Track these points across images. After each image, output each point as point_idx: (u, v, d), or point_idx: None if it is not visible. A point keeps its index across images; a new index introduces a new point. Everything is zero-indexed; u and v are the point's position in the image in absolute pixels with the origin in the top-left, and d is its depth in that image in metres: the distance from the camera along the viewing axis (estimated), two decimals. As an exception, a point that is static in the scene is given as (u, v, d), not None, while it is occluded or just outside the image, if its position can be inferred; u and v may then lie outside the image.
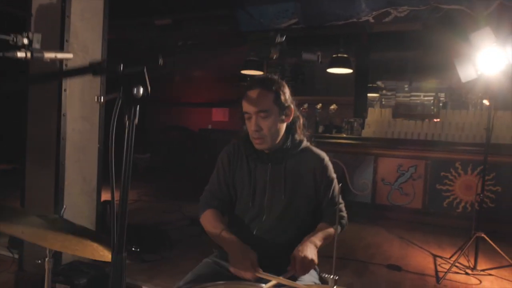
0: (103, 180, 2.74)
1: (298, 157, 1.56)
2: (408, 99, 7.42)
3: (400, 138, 4.89)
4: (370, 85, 6.78)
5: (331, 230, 1.50)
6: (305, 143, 1.60)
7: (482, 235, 2.91)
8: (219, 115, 8.68)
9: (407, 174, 4.75)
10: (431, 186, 4.64)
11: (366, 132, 5.12)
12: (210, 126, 7.35)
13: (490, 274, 3.01)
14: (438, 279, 2.89)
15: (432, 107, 6.52)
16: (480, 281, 2.89)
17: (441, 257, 3.37)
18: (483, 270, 3.05)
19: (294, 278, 1.37)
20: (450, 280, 2.89)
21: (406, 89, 7.46)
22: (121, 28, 6.41)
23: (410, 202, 4.73)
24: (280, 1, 5.50)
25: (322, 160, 1.58)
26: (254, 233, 1.53)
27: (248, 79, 1.60)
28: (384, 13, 5.02)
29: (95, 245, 1.10)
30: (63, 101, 2.43)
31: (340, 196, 1.48)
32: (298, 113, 1.59)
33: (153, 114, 7.76)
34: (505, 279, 2.95)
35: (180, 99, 8.81)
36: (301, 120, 1.62)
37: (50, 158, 2.44)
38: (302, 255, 1.34)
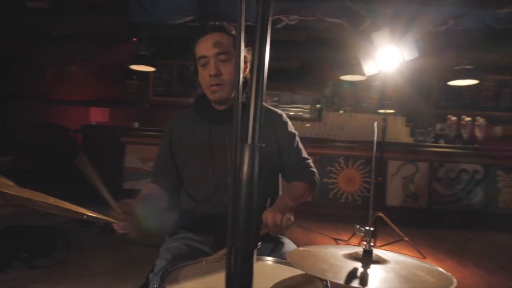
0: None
1: None
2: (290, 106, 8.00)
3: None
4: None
5: (303, 187, 1.42)
6: None
7: (381, 214, 3.31)
8: (98, 115, 7.92)
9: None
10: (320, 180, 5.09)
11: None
12: (94, 123, 6.64)
13: (387, 250, 3.46)
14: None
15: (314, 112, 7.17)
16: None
17: (341, 240, 3.72)
18: (381, 246, 3.48)
19: (268, 237, 1.31)
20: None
21: (288, 98, 8.00)
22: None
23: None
24: (176, -3, 5.38)
25: (281, 116, 1.50)
26: (219, 204, 1.38)
27: (204, 25, 1.43)
28: (277, 19, 5.37)
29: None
30: None
31: (305, 152, 1.52)
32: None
33: (19, 112, 6.64)
34: (397, 252, 3.43)
35: (52, 95, 7.75)
36: None
37: None
38: (274, 212, 1.21)
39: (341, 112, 6.29)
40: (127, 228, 1.11)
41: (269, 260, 1.12)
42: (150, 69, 5.84)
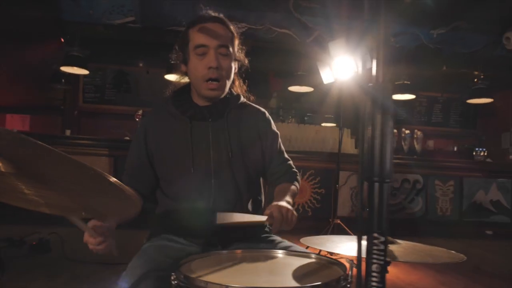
0: None
1: (238, 111, 1.36)
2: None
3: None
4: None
5: (294, 187, 1.37)
6: (243, 98, 1.42)
7: (339, 221, 3.25)
8: (16, 123, 6.97)
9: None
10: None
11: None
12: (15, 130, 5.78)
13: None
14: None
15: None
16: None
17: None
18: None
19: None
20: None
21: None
22: None
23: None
24: (116, -5, 4.95)
25: (264, 113, 1.43)
26: (204, 204, 1.24)
27: (200, 15, 1.30)
28: (225, 26, 5.19)
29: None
30: None
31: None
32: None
33: None
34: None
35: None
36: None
37: None
38: (280, 204, 1.14)
39: (289, 122, 6.27)
40: (107, 250, 1.01)
41: (279, 252, 1.08)
42: (83, 71, 5.29)
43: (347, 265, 0.90)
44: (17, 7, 5.06)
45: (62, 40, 5.64)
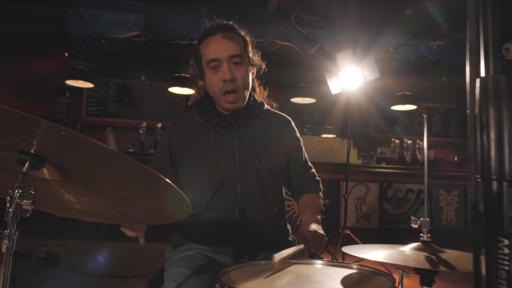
0: None
1: (263, 118, 1.36)
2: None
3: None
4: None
5: (319, 199, 1.38)
6: (266, 106, 1.42)
7: (348, 232, 3.24)
8: (18, 136, 6.98)
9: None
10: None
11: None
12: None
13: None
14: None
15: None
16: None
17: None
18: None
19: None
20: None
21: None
22: None
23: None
24: (121, 10, 5.02)
25: (289, 121, 1.43)
26: (230, 212, 1.23)
27: (209, 26, 1.31)
28: (228, 39, 5.26)
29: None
30: None
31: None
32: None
33: None
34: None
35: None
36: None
37: None
38: (314, 230, 1.14)
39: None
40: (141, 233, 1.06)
41: (318, 263, 1.04)
42: (88, 85, 5.33)
43: (396, 274, 0.86)
44: (23, 22, 5.13)
45: (66, 54, 5.70)
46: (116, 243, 2.99)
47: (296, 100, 5.64)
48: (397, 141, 5.70)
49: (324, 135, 6.48)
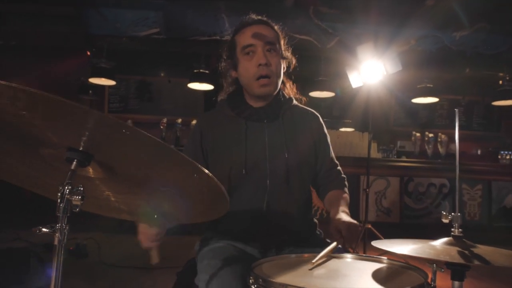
0: None
1: (292, 113, 1.38)
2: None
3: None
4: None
5: (346, 196, 1.39)
6: (295, 101, 1.44)
7: (370, 226, 3.24)
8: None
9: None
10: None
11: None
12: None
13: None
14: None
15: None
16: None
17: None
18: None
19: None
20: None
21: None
22: None
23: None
24: (140, 8, 5.09)
25: (318, 117, 1.45)
26: (257, 205, 1.26)
27: (245, 19, 1.35)
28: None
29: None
30: None
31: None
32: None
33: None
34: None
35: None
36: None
37: None
38: (348, 221, 1.16)
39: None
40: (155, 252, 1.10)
41: (348, 257, 1.06)
42: (111, 82, 5.44)
43: (429, 270, 0.87)
44: (47, 24, 5.26)
45: (88, 53, 5.82)
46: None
47: (314, 94, 5.61)
48: (418, 134, 5.62)
49: (342, 129, 6.44)
